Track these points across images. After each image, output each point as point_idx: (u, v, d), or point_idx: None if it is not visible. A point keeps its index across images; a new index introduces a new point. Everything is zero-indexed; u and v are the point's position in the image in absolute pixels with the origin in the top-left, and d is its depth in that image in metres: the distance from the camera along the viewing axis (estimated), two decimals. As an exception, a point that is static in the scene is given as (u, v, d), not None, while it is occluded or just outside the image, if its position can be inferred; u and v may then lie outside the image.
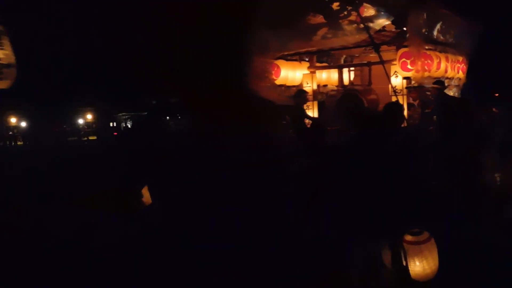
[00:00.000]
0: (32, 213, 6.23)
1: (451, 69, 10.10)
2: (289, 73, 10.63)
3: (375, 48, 8.40)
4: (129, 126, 44.94)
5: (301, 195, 5.11)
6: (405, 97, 9.15)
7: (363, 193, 3.84)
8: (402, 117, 4.97)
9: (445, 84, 8.78)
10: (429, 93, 8.92)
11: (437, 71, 9.32)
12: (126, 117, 48.05)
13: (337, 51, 10.72)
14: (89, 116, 48.26)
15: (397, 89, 8.96)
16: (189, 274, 4.33)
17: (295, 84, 10.80)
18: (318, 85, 10.89)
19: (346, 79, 10.78)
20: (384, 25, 9.35)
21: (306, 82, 10.76)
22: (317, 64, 10.98)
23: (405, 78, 9.18)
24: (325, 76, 11.16)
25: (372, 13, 9.13)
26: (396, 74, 9.16)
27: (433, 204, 4.39)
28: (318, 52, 10.63)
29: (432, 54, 9.20)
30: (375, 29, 9.07)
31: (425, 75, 8.92)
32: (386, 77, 8.57)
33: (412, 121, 8.67)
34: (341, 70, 10.85)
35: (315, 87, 10.76)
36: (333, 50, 10.57)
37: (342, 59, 11.44)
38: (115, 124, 49.64)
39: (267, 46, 9.88)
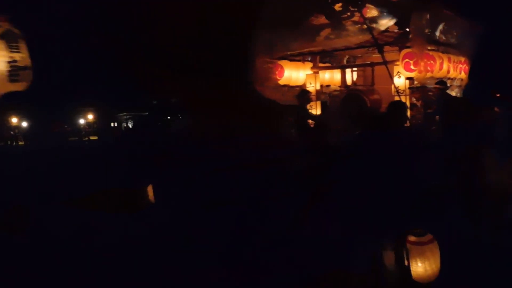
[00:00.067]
0: (32, 213, 6.22)
1: (453, 70, 10.10)
2: (293, 74, 10.68)
3: (379, 49, 8.41)
4: (130, 126, 45.03)
5: (303, 195, 5.09)
6: (408, 97, 9.16)
7: (364, 193, 3.82)
8: (406, 117, 4.94)
9: (448, 85, 8.76)
10: (432, 94, 8.91)
11: (440, 72, 9.32)
12: (127, 117, 48.13)
13: (340, 52, 10.74)
14: (90, 116, 48.34)
15: (400, 90, 8.97)
16: (189, 274, 4.31)
17: (299, 84, 10.82)
18: (321, 85, 10.91)
19: (349, 80, 10.81)
20: (387, 26, 9.35)
21: (310, 83, 10.79)
22: (320, 65, 11.00)
23: (408, 79, 9.19)
24: (328, 77, 11.18)
25: (375, 14, 9.13)
26: (399, 75, 9.18)
27: (434, 204, 4.37)
28: (322, 53, 10.66)
29: (435, 55, 9.19)
30: (379, 30, 9.07)
31: (428, 76, 8.92)
32: (389, 78, 8.57)
33: (415, 121, 8.66)
34: (344, 71, 10.88)
35: (318, 87, 10.79)
36: (336, 51, 10.60)
37: (345, 60, 11.45)
38: (116, 124, 49.72)
39: (269, 47, 9.90)
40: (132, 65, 13.05)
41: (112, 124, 49.60)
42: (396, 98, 8.66)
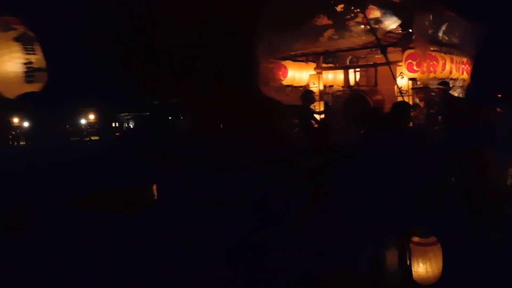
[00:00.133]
0: (33, 213, 6.21)
1: (456, 70, 10.10)
2: (296, 74, 10.72)
3: (382, 50, 8.40)
4: (131, 127, 45.04)
5: (303, 195, 5.08)
6: (411, 98, 9.16)
7: (364, 193, 3.80)
8: (409, 117, 4.93)
9: (450, 85, 8.74)
10: (434, 94, 8.90)
11: (442, 72, 9.33)
12: (129, 117, 48.12)
13: (343, 52, 10.74)
14: (92, 117, 48.38)
15: (403, 90, 8.98)
16: (190, 274, 4.29)
17: (302, 85, 10.85)
18: (324, 86, 10.92)
19: (352, 80, 10.81)
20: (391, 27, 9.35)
21: (313, 83, 10.81)
22: (324, 65, 11.01)
23: (411, 79, 9.20)
24: (331, 77, 11.19)
25: (378, 15, 9.13)
26: (402, 75, 9.19)
27: (434, 204, 4.35)
28: (325, 53, 10.67)
29: (438, 56, 9.20)
30: (383, 31, 9.07)
31: (431, 76, 8.93)
32: (392, 78, 8.56)
33: (418, 121, 8.66)
34: (347, 71, 10.88)
35: (322, 88, 10.78)
36: (340, 52, 10.61)
37: (348, 60, 11.45)
38: (118, 124, 49.72)
39: (273, 47, 9.91)
40: (133, 65, 13.07)
41: (114, 124, 49.62)
42: (399, 99, 8.69)
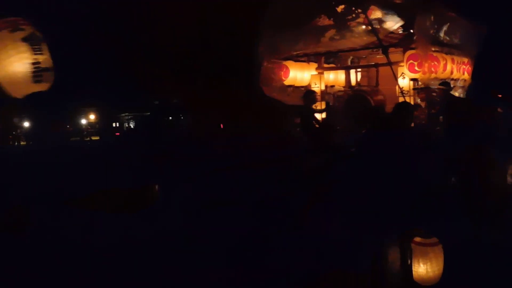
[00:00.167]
0: (33, 213, 6.20)
1: (457, 71, 10.12)
2: (298, 74, 10.73)
3: (383, 50, 8.41)
4: (132, 127, 45.07)
5: (303, 195, 5.07)
6: (412, 98, 9.18)
7: (364, 193, 3.78)
8: (411, 117, 4.92)
9: (451, 86, 8.75)
10: (435, 94, 8.91)
11: (443, 73, 9.35)
12: (129, 117, 48.15)
13: (344, 53, 10.74)
14: (92, 117, 48.43)
15: (404, 90, 9.00)
16: (190, 274, 4.28)
17: (304, 85, 10.85)
18: (326, 86, 10.92)
19: (353, 80, 10.81)
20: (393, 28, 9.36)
21: (315, 83, 10.80)
22: (325, 65, 11.00)
23: (412, 80, 9.21)
24: (333, 77, 11.21)
25: (380, 16, 9.14)
26: (403, 76, 9.21)
27: (434, 204, 4.34)
28: (326, 54, 10.67)
29: (439, 56, 9.21)
30: (385, 31, 9.09)
31: (432, 77, 8.94)
32: (393, 78, 8.57)
33: (419, 122, 8.66)
34: (348, 71, 10.90)
35: (323, 88, 10.78)
36: (341, 52, 10.62)
37: (349, 60, 11.46)
38: (118, 124, 49.74)
39: (274, 47, 9.93)
40: (133, 65, 13.08)
41: (114, 124, 49.65)
42: (400, 99, 8.69)
